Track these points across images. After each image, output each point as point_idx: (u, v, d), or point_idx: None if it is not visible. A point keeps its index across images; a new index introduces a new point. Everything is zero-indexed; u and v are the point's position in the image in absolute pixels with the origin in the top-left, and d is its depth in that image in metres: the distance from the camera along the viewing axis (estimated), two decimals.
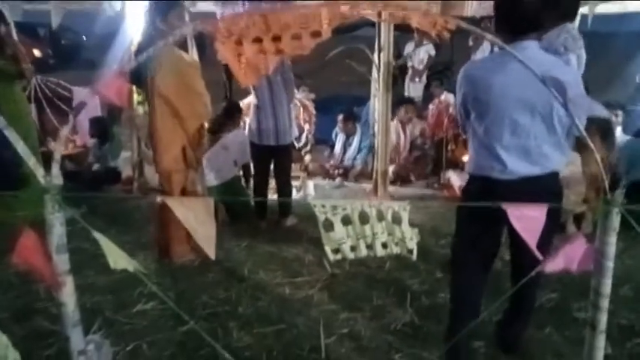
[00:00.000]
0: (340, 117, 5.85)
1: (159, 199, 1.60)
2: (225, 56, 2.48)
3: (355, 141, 5.83)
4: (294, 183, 4.62)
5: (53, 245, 1.48)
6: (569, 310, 2.75)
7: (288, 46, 1.64)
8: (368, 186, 5.16)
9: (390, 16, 2.03)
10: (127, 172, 5.27)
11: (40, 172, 1.44)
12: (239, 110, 4.58)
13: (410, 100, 6.05)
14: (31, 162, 1.44)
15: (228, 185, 4.16)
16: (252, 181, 4.39)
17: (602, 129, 3.34)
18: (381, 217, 1.55)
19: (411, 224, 1.66)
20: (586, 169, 3.40)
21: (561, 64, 1.92)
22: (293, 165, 4.59)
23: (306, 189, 5.12)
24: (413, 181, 5.45)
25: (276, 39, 1.88)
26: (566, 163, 2.01)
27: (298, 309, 2.81)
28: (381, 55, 4.44)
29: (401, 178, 5.45)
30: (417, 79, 7.69)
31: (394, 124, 5.59)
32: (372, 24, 4.89)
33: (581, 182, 3.63)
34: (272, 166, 4.16)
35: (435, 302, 2.84)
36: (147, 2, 3.58)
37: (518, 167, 1.91)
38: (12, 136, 1.41)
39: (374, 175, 4.90)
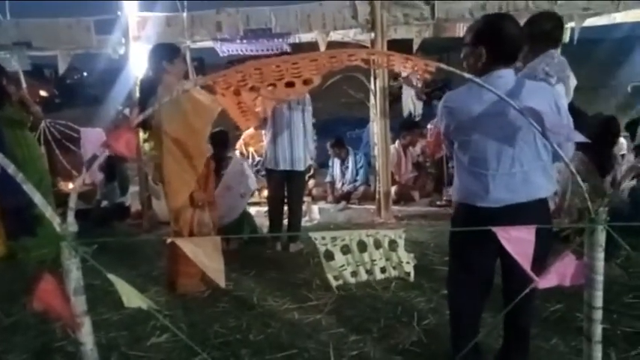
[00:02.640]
0: (328, 144, 5.99)
1: (169, 240, 1.69)
2: (225, 105, 2.63)
3: (350, 163, 5.95)
4: None
5: (71, 288, 1.57)
6: (574, 320, 2.79)
7: (282, 93, 1.75)
8: (372, 207, 5.25)
9: (375, 62, 2.17)
10: (135, 206, 5.40)
11: (56, 220, 1.54)
12: (225, 135, 4.69)
13: (415, 125, 6.13)
14: (48, 212, 1.54)
15: (239, 221, 4.33)
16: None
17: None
18: (378, 244, 1.64)
19: (412, 245, 1.74)
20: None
21: (538, 90, 1.92)
22: None
23: (311, 213, 5.22)
24: (416, 199, 5.52)
25: (271, 87, 2.00)
26: (553, 189, 2.01)
27: (308, 333, 2.87)
28: (377, 81, 4.60)
29: (404, 198, 5.53)
30: (423, 97, 7.77)
31: (396, 147, 5.70)
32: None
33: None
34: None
35: (441, 320, 2.88)
36: (150, 46, 3.76)
37: (503, 195, 1.92)
38: (27, 185, 1.51)
39: (377, 197, 5.00)
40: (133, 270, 3.78)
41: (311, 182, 6.08)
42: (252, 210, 5.10)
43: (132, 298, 1.69)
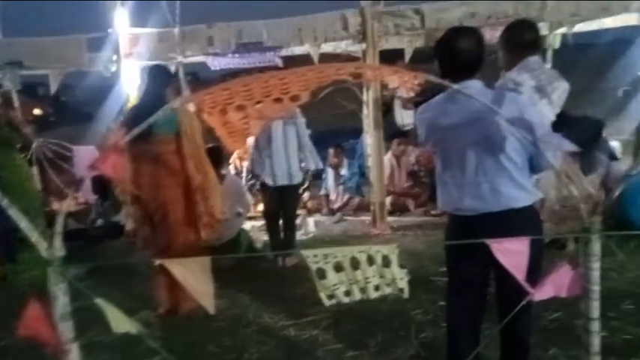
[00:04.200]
0: (331, 151, 5.96)
1: (157, 262, 1.66)
2: (214, 125, 2.65)
3: (345, 173, 5.93)
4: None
5: (58, 314, 1.54)
6: (574, 328, 2.75)
7: (270, 110, 1.74)
8: (367, 218, 5.22)
9: (364, 76, 2.19)
10: (129, 225, 5.35)
11: (42, 245, 1.51)
12: (219, 151, 4.39)
13: (403, 133, 6.14)
14: (34, 237, 1.51)
15: (235, 239, 4.30)
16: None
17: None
18: (371, 261, 1.61)
19: (408, 256, 1.71)
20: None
21: (503, 101, 1.89)
22: None
23: (307, 226, 5.18)
24: (411, 210, 5.49)
25: (259, 104, 2.00)
26: (532, 199, 2.00)
27: (305, 350, 2.83)
28: (369, 92, 4.60)
29: (399, 208, 5.50)
30: (409, 107, 7.78)
31: (389, 158, 5.68)
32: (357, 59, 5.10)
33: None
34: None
35: (439, 332, 2.85)
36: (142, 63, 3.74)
37: (474, 204, 1.96)
38: (12, 210, 1.48)
39: (372, 208, 4.98)
40: (127, 290, 3.72)
41: (306, 195, 6.05)
42: (248, 225, 5.07)
43: (120, 322, 1.66)
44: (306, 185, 6.07)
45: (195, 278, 1.61)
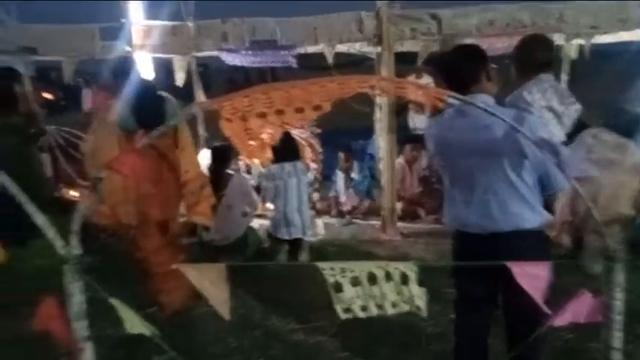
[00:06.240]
0: (342, 155, 5.91)
1: (174, 266, 1.64)
2: (232, 132, 2.62)
3: (355, 175, 5.89)
4: None
5: (72, 312, 1.53)
6: (586, 351, 2.72)
7: (291, 119, 1.71)
8: (377, 222, 5.18)
9: (384, 90, 2.15)
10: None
11: (59, 243, 1.50)
12: (227, 150, 4.39)
13: (416, 139, 6.08)
14: (51, 234, 1.50)
15: (242, 239, 4.28)
16: None
17: None
18: (389, 278, 1.59)
19: (421, 283, 1.68)
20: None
21: (513, 119, 1.79)
22: None
23: (315, 228, 5.14)
24: (422, 216, 5.44)
25: (280, 112, 1.96)
26: (541, 221, 1.94)
27: (312, 356, 2.81)
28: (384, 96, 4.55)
29: (409, 214, 5.45)
30: (420, 111, 7.74)
31: (401, 162, 5.63)
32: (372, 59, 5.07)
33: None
34: None
35: (448, 345, 2.82)
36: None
37: (482, 223, 1.92)
38: (30, 207, 1.48)
39: (382, 213, 4.94)
40: (130, 286, 3.70)
41: (315, 195, 6.01)
42: (256, 223, 5.04)
43: (134, 324, 1.65)
44: (316, 186, 6.05)
45: (210, 283, 1.60)
